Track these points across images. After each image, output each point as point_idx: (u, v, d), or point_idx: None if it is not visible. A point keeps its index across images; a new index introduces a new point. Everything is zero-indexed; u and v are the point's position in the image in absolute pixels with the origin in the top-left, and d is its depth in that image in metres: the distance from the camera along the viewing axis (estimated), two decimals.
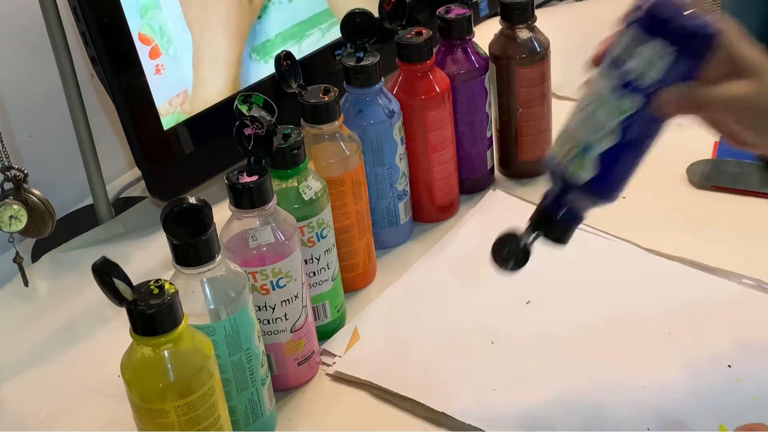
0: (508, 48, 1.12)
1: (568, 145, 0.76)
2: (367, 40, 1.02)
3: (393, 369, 0.92)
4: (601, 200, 0.77)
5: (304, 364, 0.92)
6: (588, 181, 0.75)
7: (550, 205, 0.78)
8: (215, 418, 0.77)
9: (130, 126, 1.05)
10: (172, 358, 0.74)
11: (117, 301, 0.72)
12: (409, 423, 0.88)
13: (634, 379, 0.88)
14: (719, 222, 1.07)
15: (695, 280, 0.99)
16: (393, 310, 1.00)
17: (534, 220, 0.80)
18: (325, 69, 1.20)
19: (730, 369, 0.88)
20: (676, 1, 0.72)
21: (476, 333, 0.95)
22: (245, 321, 0.82)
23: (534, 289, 0.99)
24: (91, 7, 1.00)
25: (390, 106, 1.03)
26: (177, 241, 0.77)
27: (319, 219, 0.92)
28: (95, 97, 1.25)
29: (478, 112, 1.13)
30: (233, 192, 0.84)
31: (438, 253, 1.07)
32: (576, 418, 0.85)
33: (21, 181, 1.00)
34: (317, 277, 0.94)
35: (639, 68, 0.72)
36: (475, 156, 1.15)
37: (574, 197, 0.77)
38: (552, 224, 0.79)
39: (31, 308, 1.07)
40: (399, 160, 1.05)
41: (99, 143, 1.15)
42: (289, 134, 0.90)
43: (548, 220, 0.79)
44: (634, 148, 0.75)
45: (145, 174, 1.09)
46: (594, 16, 1.48)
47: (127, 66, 1.04)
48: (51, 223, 1.02)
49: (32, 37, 1.15)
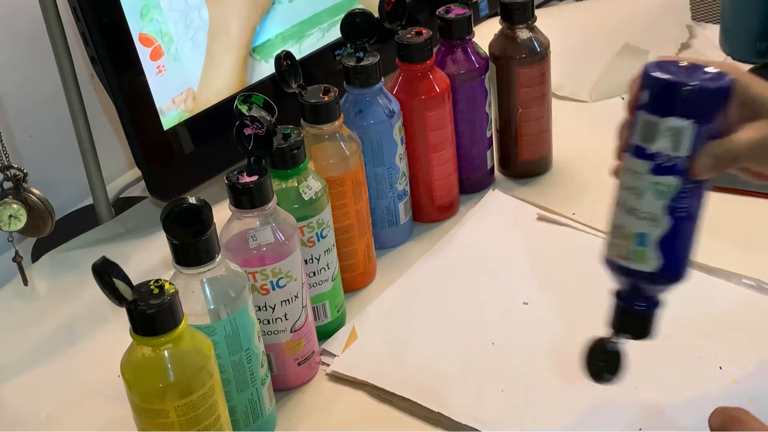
0: (508, 48, 1.12)
1: (622, 241, 0.74)
2: (367, 40, 1.02)
3: (390, 369, 0.92)
4: (674, 282, 0.74)
5: (304, 364, 0.92)
6: (656, 269, 0.73)
7: (626, 305, 0.76)
8: (215, 418, 0.77)
9: (130, 126, 1.05)
10: (172, 358, 0.74)
11: (117, 301, 0.72)
12: (408, 423, 0.88)
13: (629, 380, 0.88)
14: (719, 222, 1.07)
15: (694, 281, 0.99)
16: (391, 309, 1.00)
17: (615, 324, 0.77)
18: (325, 69, 1.20)
19: (724, 370, 0.88)
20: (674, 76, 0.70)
21: (474, 333, 0.95)
22: (245, 321, 0.82)
23: (532, 290, 0.99)
24: (91, 7, 1.00)
25: (390, 106, 1.03)
26: (177, 241, 0.78)
27: (319, 219, 0.92)
28: (95, 97, 1.25)
29: (478, 112, 1.13)
30: (233, 192, 0.84)
31: (438, 253, 1.07)
32: (571, 418, 0.85)
33: (20, 180, 1.00)
34: (317, 277, 0.94)
35: (665, 149, 0.71)
36: (475, 156, 1.15)
37: (646, 288, 0.75)
38: (635, 321, 0.76)
39: (31, 308, 1.07)
40: (399, 160, 1.05)
41: (99, 143, 1.15)
42: (289, 134, 0.90)
43: (630, 320, 0.76)
44: (688, 221, 0.73)
45: (145, 174, 1.09)
46: (594, 16, 1.49)
47: (127, 66, 1.04)
48: (50, 222, 1.02)
49: (32, 37, 1.15)
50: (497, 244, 1.09)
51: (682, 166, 0.71)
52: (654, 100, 0.71)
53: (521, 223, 1.11)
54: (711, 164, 0.72)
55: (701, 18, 1.50)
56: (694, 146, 0.71)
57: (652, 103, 0.71)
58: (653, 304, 0.75)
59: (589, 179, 1.14)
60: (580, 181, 1.15)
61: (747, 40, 1.35)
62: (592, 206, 1.10)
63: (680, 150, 0.71)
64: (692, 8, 1.51)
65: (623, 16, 1.46)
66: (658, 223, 0.72)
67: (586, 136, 1.23)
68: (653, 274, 0.73)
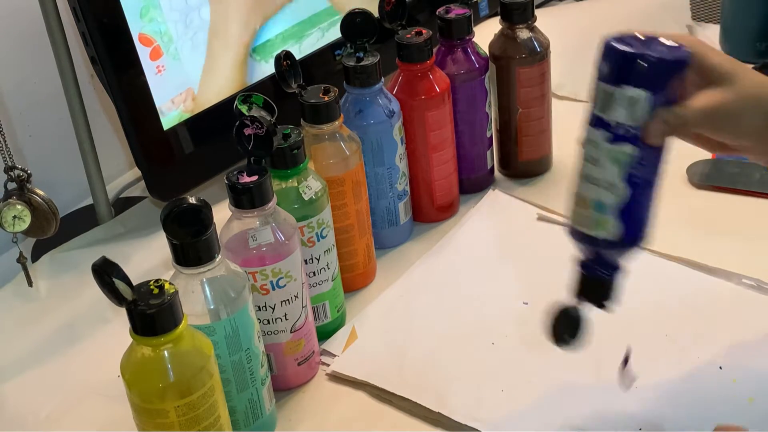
0: (508, 48, 1.12)
1: (583, 210, 0.76)
2: (367, 40, 1.02)
3: (390, 369, 0.92)
4: (634, 248, 0.77)
5: (304, 364, 0.92)
6: (616, 236, 0.75)
7: (588, 272, 0.78)
8: (215, 418, 0.77)
9: (130, 126, 1.05)
10: (172, 358, 0.74)
11: (117, 301, 0.72)
12: (408, 423, 0.88)
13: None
14: (719, 222, 1.07)
15: (694, 281, 0.99)
16: (391, 309, 1.00)
17: (578, 291, 0.79)
18: (325, 69, 1.20)
19: (724, 370, 0.88)
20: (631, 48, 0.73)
21: (474, 333, 0.95)
22: (245, 321, 0.82)
23: (532, 290, 0.99)
24: (91, 7, 1.00)
25: (390, 106, 1.03)
26: (177, 241, 0.78)
27: (319, 219, 0.92)
28: (95, 97, 1.25)
29: (478, 112, 1.13)
30: (233, 192, 0.84)
31: (438, 253, 1.07)
32: (571, 418, 0.85)
33: (24, 181, 1.00)
34: (317, 277, 0.94)
35: (622, 118, 0.73)
36: (475, 156, 1.15)
37: (608, 255, 0.77)
38: (598, 286, 0.78)
39: (31, 308, 1.07)
40: (399, 160, 1.05)
41: (99, 143, 1.15)
42: (289, 134, 0.90)
43: (592, 286, 0.78)
44: (646, 189, 0.75)
45: (145, 174, 1.09)
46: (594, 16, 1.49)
47: (127, 66, 1.04)
48: (54, 223, 1.02)
49: (32, 37, 1.15)
50: (497, 244, 1.09)
51: (638, 134, 0.73)
52: (611, 71, 0.73)
53: (521, 223, 1.11)
54: (661, 129, 0.74)
55: (701, 18, 1.50)
56: (650, 115, 0.73)
57: (610, 74, 0.73)
58: (614, 270, 0.78)
59: None
60: None
61: (747, 40, 1.35)
62: None
63: (636, 119, 0.73)
64: (692, 8, 1.51)
65: (623, 16, 1.46)
66: (617, 191, 0.74)
67: None
68: (613, 240, 0.75)
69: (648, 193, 0.76)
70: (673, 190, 1.12)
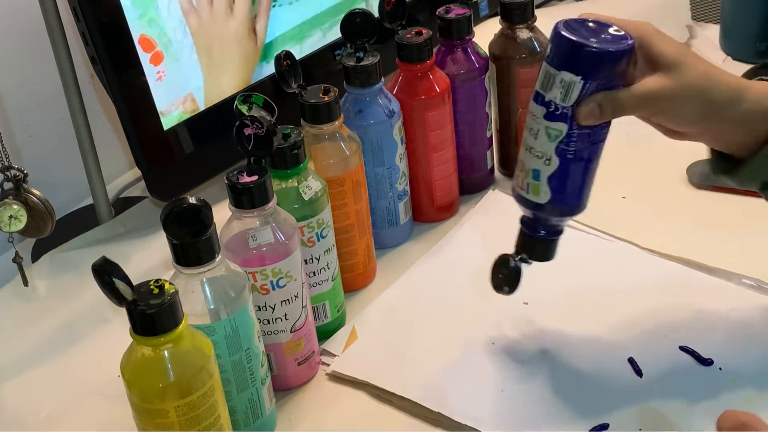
0: (508, 48, 1.12)
1: (522, 175, 0.83)
2: (367, 40, 1.02)
3: (390, 369, 0.92)
4: (566, 215, 0.85)
5: (304, 364, 0.92)
6: (547, 202, 0.82)
7: (527, 229, 0.86)
8: (215, 418, 0.77)
9: (130, 126, 1.05)
10: (172, 358, 0.74)
11: (117, 301, 0.72)
12: (408, 423, 0.88)
13: (630, 380, 0.88)
14: (719, 222, 1.07)
15: (695, 281, 0.99)
16: (391, 309, 1.00)
17: (518, 244, 0.87)
18: (325, 69, 1.20)
19: (724, 370, 0.88)
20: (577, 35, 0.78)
21: (474, 333, 0.95)
22: (245, 321, 0.82)
23: (533, 290, 0.99)
24: (91, 7, 1.00)
25: (390, 106, 1.03)
26: (177, 241, 0.78)
27: (319, 219, 0.92)
28: (95, 97, 1.25)
29: (478, 112, 1.13)
30: (233, 192, 0.84)
31: (438, 254, 1.07)
32: (571, 418, 0.85)
33: (21, 181, 1.00)
34: (317, 277, 0.94)
35: (557, 98, 0.79)
36: (475, 156, 1.15)
37: (544, 217, 0.84)
38: (534, 244, 0.86)
39: (31, 308, 1.07)
40: (399, 160, 1.05)
41: (99, 143, 1.15)
42: (289, 134, 0.90)
43: (530, 242, 0.86)
44: (576, 163, 0.81)
45: (145, 174, 1.09)
46: None
47: (127, 66, 1.04)
48: (51, 223, 1.02)
49: (32, 37, 1.15)
50: (497, 244, 1.08)
51: (569, 114, 0.79)
52: (553, 54, 0.79)
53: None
54: (593, 112, 0.78)
55: (701, 18, 1.50)
56: (581, 98, 0.78)
57: (552, 57, 0.79)
58: (552, 232, 0.86)
59: None
60: None
61: (747, 40, 1.36)
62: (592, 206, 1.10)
63: (568, 101, 0.79)
64: (692, 8, 1.51)
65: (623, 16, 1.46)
66: (549, 162, 0.81)
67: None
68: (544, 205, 0.83)
69: (578, 167, 0.81)
70: (673, 190, 1.13)
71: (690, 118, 0.81)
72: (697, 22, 1.48)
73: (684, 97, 0.79)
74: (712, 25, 1.45)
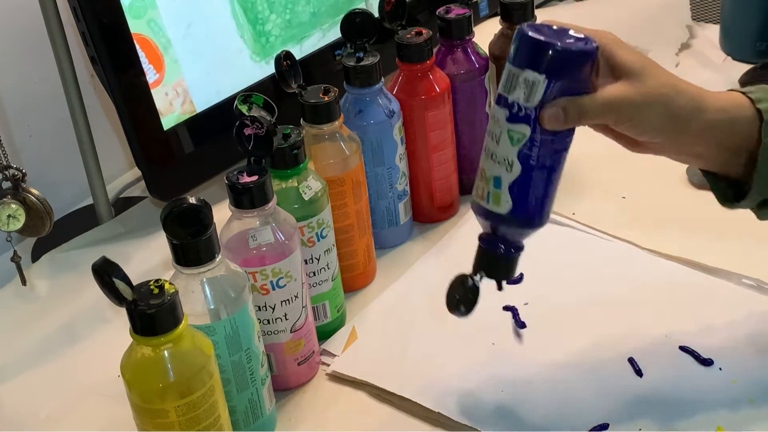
0: (508, 48, 1.12)
1: (483, 184, 0.79)
2: (367, 40, 1.02)
3: (390, 369, 0.92)
4: (528, 228, 0.80)
5: (304, 364, 0.92)
6: (508, 213, 0.78)
7: (487, 245, 0.81)
8: (215, 418, 0.77)
9: (130, 126, 1.05)
10: (172, 358, 0.74)
11: (117, 301, 0.72)
12: (408, 423, 0.88)
13: (630, 380, 0.88)
14: (719, 222, 1.07)
15: (695, 281, 0.99)
16: (391, 309, 1.00)
17: (476, 262, 0.82)
18: (325, 69, 1.20)
19: (724, 370, 0.88)
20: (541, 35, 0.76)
21: (474, 334, 0.95)
22: (245, 321, 0.82)
23: (533, 290, 0.99)
24: (91, 7, 1.00)
25: (390, 106, 1.03)
26: (177, 241, 0.78)
27: (319, 219, 0.92)
28: (95, 97, 1.25)
29: (478, 112, 1.13)
30: (233, 192, 0.84)
31: (438, 253, 1.07)
32: (571, 418, 0.85)
33: (19, 180, 1.00)
34: (317, 277, 0.94)
35: (520, 99, 0.76)
36: (475, 156, 1.14)
37: (504, 230, 0.80)
38: (493, 261, 0.81)
39: (30, 308, 1.07)
40: (399, 160, 1.05)
41: (99, 143, 1.15)
42: (289, 134, 0.90)
43: (488, 258, 0.81)
44: (539, 170, 0.78)
45: (145, 174, 1.09)
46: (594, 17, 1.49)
47: (127, 66, 1.04)
48: (49, 222, 1.02)
49: (32, 37, 1.15)
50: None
51: (533, 116, 0.76)
52: (518, 54, 0.77)
53: None
54: (558, 116, 0.76)
55: (701, 18, 1.50)
56: (545, 99, 0.76)
57: (515, 56, 0.77)
58: (511, 247, 0.81)
59: (589, 179, 1.14)
60: (580, 181, 1.14)
61: (747, 40, 1.36)
62: (592, 206, 1.10)
63: (531, 101, 0.76)
64: (692, 8, 1.51)
65: (623, 16, 1.46)
66: (511, 168, 0.77)
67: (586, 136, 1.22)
68: (504, 216, 0.78)
69: (541, 175, 0.78)
70: (673, 190, 1.13)
71: (653, 127, 0.79)
72: (697, 22, 1.48)
73: (648, 105, 0.78)
74: (712, 25, 1.45)
